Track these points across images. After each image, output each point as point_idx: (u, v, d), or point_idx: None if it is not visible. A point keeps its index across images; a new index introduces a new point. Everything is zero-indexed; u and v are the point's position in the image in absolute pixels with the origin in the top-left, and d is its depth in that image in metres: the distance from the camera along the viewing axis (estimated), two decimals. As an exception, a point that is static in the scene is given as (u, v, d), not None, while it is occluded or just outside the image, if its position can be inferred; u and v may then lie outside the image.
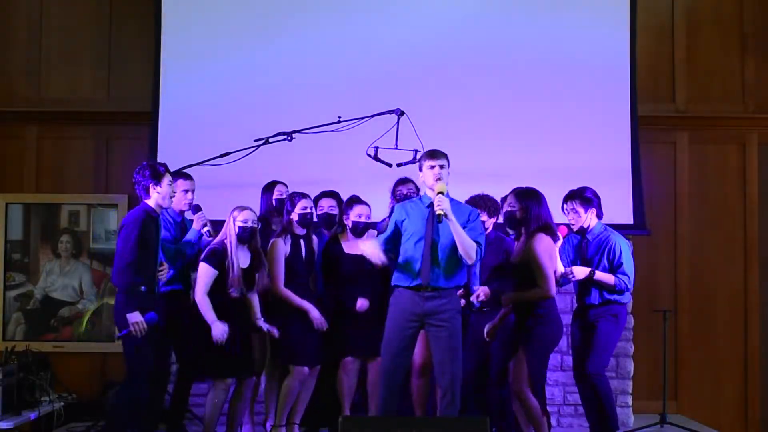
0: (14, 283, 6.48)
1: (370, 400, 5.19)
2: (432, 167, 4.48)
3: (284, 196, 5.30)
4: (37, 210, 6.51)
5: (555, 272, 4.71)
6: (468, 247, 4.38)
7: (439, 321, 4.43)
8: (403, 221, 4.54)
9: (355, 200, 5.24)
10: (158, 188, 4.71)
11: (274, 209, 5.30)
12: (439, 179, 4.45)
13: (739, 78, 6.75)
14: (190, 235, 5.13)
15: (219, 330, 4.71)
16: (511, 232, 5.05)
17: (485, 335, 4.84)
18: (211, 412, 4.85)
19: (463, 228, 4.41)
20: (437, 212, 4.31)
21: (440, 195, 4.37)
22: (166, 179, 4.73)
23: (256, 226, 4.89)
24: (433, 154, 4.53)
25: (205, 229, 5.11)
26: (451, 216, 4.34)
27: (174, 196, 4.85)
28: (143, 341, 4.60)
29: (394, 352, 4.48)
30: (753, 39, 6.75)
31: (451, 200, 4.49)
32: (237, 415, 5.00)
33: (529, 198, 4.67)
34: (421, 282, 4.42)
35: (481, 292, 4.95)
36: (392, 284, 4.57)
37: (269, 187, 5.39)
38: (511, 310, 4.76)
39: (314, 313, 5.02)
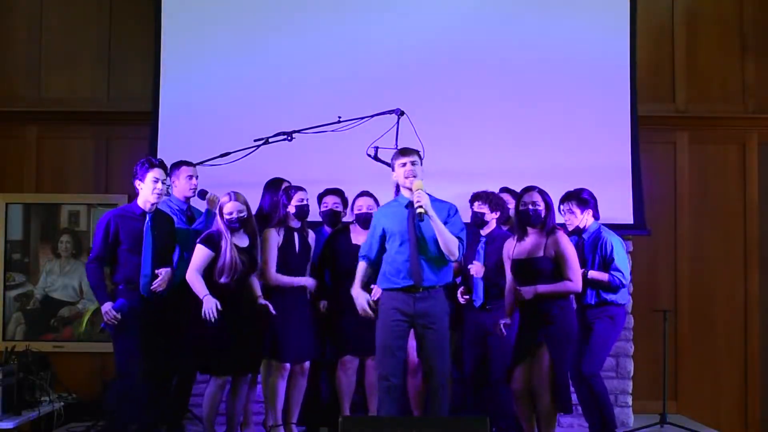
0: (14, 283, 6.48)
1: (369, 399, 5.20)
2: (403, 165, 4.46)
3: (305, 202, 5.26)
4: (37, 210, 6.51)
5: None
6: (450, 243, 4.37)
7: (428, 322, 4.44)
8: (385, 229, 4.53)
9: (360, 194, 5.28)
10: (141, 184, 4.74)
11: (290, 215, 5.25)
12: (413, 176, 4.42)
13: (739, 78, 6.75)
14: (200, 219, 5.16)
15: (209, 303, 4.66)
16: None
17: (501, 329, 4.76)
18: (209, 408, 4.85)
19: (445, 224, 4.40)
20: (418, 210, 4.29)
21: (419, 191, 4.33)
22: (150, 175, 4.71)
23: (244, 216, 4.83)
24: (403, 152, 4.52)
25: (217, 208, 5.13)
26: (431, 212, 4.32)
27: (161, 192, 4.80)
28: (127, 335, 4.63)
29: (387, 352, 4.47)
30: (753, 39, 6.75)
31: (429, 197, 4.46)
32: (235, 413, 5.00)
33: (547, 195, 4.69)
34: (413, 282, 4.41)
35: (473, 268, 4.98)
36: (380, 287, 4.57)
37: (274, 184, 5.34)
38: (515, 305, 4.72)
39: (311, 282, 5.05)
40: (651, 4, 6.66)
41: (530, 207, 4.66)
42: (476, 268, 5.03)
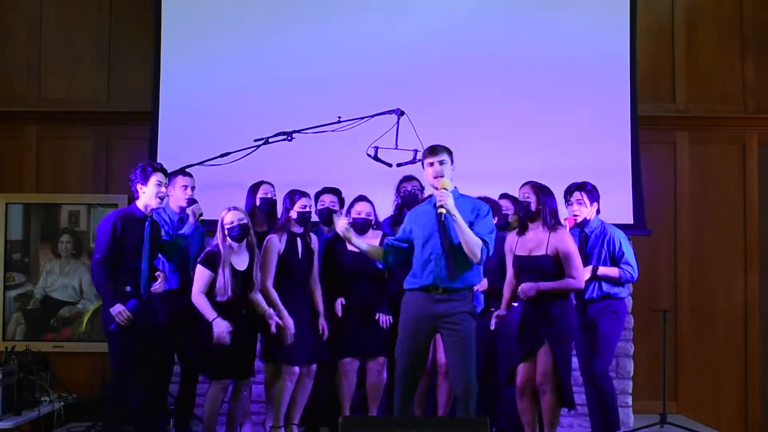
0: (14, 283, 6.48)
1: (370, 401, 5.19)
2: (431, 164, 4.38)
3: (269, 195, 5.30)
4: (37, 210, 6.51)
5: None
6: (472, 245, 4.25)
7: (451, 324, 4.32)
8: (411, 230, 4.45)
9: (358, 198, 5.24)
10: (144, 188, 4.75)
11: (257, 208, 5.28)
12: (440, 176, 4.34)
13: (739, 78, 6.75)
14: (185, 229, 5.15)
15: (220, 327, 4.71)
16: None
17: (493, 320, 4.80)
18: (210, 411, 4.86)
19: (472, 224, 4.30)
20: (438, 210, 4.21)
21: (442, 190, 4.25)
22: (153, 179, 4.73)
23: (245, 222, 4.85)
24: (433, 150, 4.41)
25: (200, 218, 5.10)
26: (453, 211, 4.22)
27: (164, 196, 4.84)
28: (128, 337, 4.62)
29: (408, 354, 4.39)
30: (753, 39, 6.75)
31: (461, 196, 4.40)
32: (236, 415, 5.01)
33: (544, 193, 4.69)
34: (431, 282, 4.31)
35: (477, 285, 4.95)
36: (404, 287, 4.48)
37: (254, 187, 5.37)
38: (513, 300, 4.73)
39: (288, 322, 4.95)
40: (651, 4, 6.66)
41: (521, 200, 4.74)
42: (480, 285, 5.00)
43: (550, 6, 6.29)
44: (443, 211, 4.21)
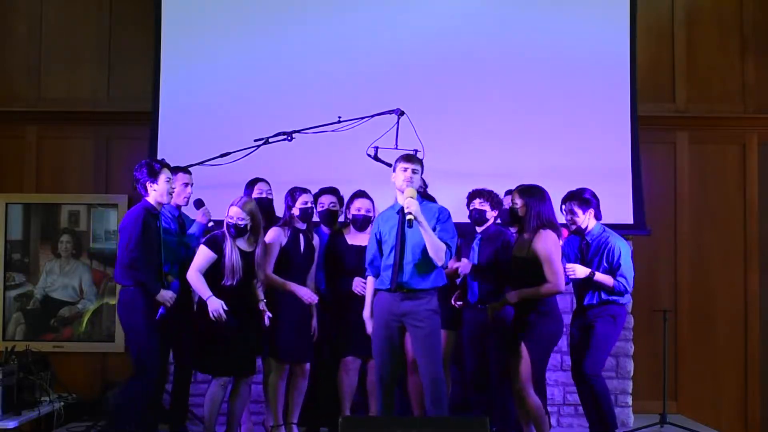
0: (14, 283, 6.48)
1: (371, 400, 5.19)
2: (405, 169, 4.55)
3: (264, 195, 5.32)
4: (37, 210, 6.51)
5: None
6: (437, 249, 4.44)
7: (416, 321, 4.52)
8: (381, 233, 4.65)
9: (357, 194, 5.27)
10: (155, 185, 4.78)
11: None
12: (410, 183, 4.51)
13: (738, 78, 6.75)
14: (193, 229, 5.15)
15: (215, 304, 4.71)
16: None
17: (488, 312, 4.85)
18: (210, 409, 4.86)
19: (434, 229, 4.49)
20: (407, 217, 4.37)
21: (409, 199, 4.41)
22: (163, 176, 4.78)
23: (242, 225, 4.81)
24: (408, 158, 4.62)
25: (210, 224, 5.18)
26: (420, 218, 4.40)
27: (173, 191, 4.89)
28: (156, 337, 4.68)
29: (379, 351, 4.60)
30: (753, 39, 6.75)
31: (422, 201, 4.57)
32: (236, 413, 5.00)
33: (531, 195, 4.69)
34: (391, 286, 4.51)
35: (461, 265, 4.99)
36: (375, 287, 4.68)
37: (250, 185, 5.39)
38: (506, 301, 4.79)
39: (301, 291, 5.00)
40: (651, 4, 6.66)
41: (509, 205, 4.81)
42: (464, 265, 5.03)
43: (549, 6, 6.28)
44: (411, 218, 4.37)
